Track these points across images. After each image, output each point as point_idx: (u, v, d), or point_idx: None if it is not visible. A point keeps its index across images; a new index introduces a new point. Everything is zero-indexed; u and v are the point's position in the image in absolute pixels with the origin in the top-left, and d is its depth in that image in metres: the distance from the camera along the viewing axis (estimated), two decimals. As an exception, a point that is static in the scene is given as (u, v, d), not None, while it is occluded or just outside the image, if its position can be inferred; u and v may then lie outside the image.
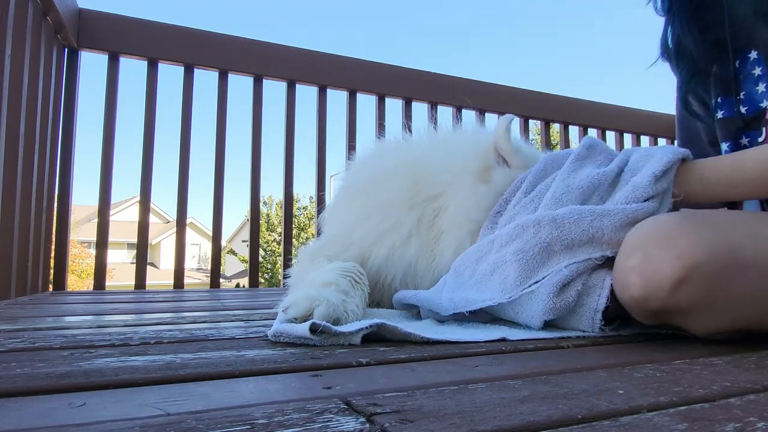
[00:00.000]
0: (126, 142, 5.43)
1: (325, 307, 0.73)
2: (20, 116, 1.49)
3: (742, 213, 0.74)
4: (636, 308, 0.72)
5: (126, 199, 20.55)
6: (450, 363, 0.59)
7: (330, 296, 0.76)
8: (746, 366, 0.57)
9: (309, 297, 0.75)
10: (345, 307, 0.77)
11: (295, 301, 0.75)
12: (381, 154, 1.21)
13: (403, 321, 0.88)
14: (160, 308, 1.23)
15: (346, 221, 1.09)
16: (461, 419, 0.38)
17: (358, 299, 0.85)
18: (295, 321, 0.72)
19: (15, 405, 0.42)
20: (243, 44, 2.24)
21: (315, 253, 1.07)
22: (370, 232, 1.02)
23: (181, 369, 0.54)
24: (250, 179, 2.25)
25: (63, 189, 1.92)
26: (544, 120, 2.86)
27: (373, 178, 1.11)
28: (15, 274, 1.48)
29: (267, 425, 0.36)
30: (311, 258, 1.06)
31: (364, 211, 1.06)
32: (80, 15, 1.96)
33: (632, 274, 0.70)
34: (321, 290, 0.79)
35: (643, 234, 0.71)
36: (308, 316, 0.72)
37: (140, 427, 0.36)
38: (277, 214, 15.94)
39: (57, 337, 0.74)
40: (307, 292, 0.77)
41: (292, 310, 0.74)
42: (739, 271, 0.65)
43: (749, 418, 0.38)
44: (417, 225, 1.02)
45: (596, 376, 0.52)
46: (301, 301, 0.75)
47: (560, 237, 0.78)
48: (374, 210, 1.05)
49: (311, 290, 0.79)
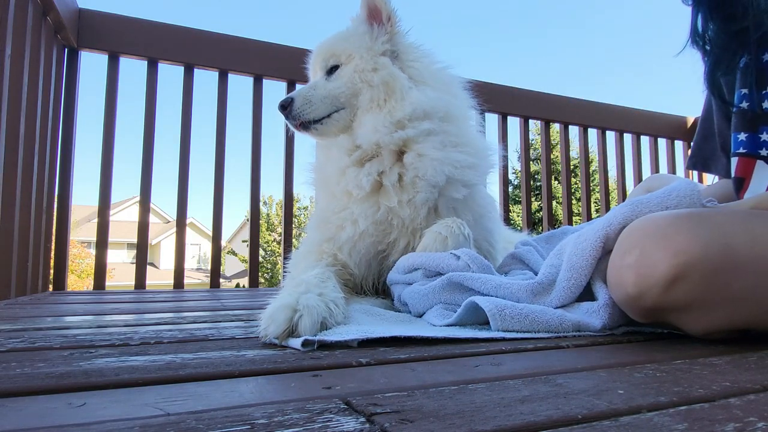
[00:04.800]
0: (126, 142, 5.43)
1: (309, 318, 0.70)
2: (20, 116, 1.49)
3: (738, 212, 0.74)
4: (631, 306, 0.72)
5: (126, 199, 20.54)
6: (450, 363, 0.59)
7: (309, 301, 0.74)
8: (746, 366, 0.57)
9: (287, 306, 0.72)
10: (326, 305, 0.76)
11: (271, 315, 0.71)
12: None
13: (397, 323, 0.88)
14: (160, 308, 1.23)
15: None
16: (461, 419, 0.38)
17: (329, 290, 0.84)
18: (276, 341, 0.69)
19: (15, 405, 0.42)
20: (243, 44, 2.24)
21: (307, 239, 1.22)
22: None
23: (181, 369, 0.54)
24: (250, 179, 2.25)
25: (63, 189, 1.92)
26: (544, 120, 2.86)
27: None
28: (15, 274, 1.48)
29: (267, 425, 0.36)
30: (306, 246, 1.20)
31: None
32: (80, 15, 1.96)
33: (628, 272, 0.70)
34: (300, 297, 0.75)
35: (639, 232, 0.71)
36: (291, 330, 0.69)
37: (140, 427, 0.36)
38: (277, 214, 15.94)
39: (57, 337, 0.74)
40: (282, 302, 0.73)
41: (272, 328, 0.69)
42: (734, 269, 0.65)
43: (749, 418, 0.38)
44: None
45: (596, 376, 0.52)
46: (278, 313, 0.71)
47: None
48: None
49: (287, 298, 0.75)
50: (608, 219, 0.83)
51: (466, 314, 0.82)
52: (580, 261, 0.83)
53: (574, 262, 0.84)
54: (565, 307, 0.84)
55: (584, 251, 0.83)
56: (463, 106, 1.25)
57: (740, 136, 1.01)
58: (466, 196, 1.13)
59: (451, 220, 1.07)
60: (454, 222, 1.06)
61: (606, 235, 0.82)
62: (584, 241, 0.84)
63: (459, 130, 1.17)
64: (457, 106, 1.21)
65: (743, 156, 1.01)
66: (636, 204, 0.82)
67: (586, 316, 0.80)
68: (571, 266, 0.84)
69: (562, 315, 0.79)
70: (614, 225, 0.82)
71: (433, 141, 1.12)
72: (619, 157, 3.05)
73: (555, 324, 0.78)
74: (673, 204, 0.80)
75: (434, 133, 1.12)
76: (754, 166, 1.00)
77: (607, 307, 0.80)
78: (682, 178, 1.02)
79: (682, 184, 0.83)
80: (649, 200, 0.81)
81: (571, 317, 0.79)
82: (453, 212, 1.13)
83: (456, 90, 1.26)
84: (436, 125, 1.13)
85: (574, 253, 0.84)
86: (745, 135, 1.00)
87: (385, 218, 1.11)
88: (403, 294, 1.00)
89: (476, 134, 1.26)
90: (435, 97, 1.16)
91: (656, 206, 0.80)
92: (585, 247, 0.84)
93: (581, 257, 0.83)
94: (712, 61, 1.03)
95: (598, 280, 0.84)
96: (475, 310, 0.81)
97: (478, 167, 1.17)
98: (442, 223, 1.07)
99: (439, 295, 0.91)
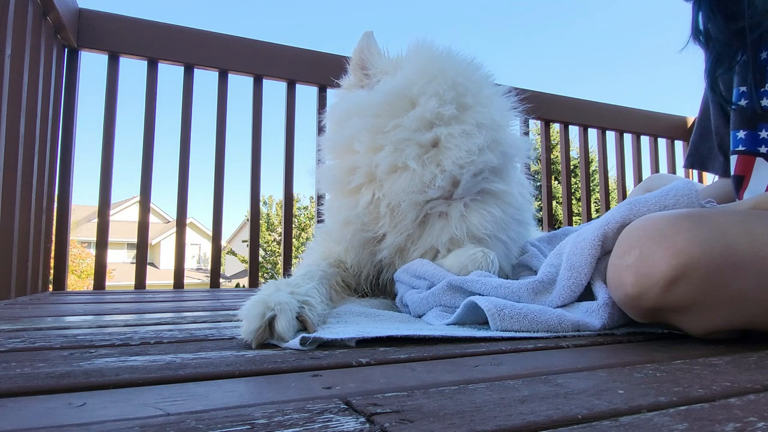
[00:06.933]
0: (126, 142, 5.43)
1: (284, 318, 0.69)
2: (20, 116, 1.49)
3: (738, 212, 0.74)
4: (630, 306, 0.73)
5: (126, 199, 20.56)
6: (450, 363, 0.59)
7: (281, 297, 0.72)
8: (746, 366, 0.57)
9: (261, 302, 0.70)
10: (303, 303, 0.75)
11: (246, 315, 0.69)
12: None
13: (396, 323, 0.87)
14: (160, 308, 1.23)
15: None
16: (461, 419, 0.38)
17: (305, 289, 0.82)
18: (249, 343, 0.68)
19: (15, 405, 0.42)
20: (243, 44, 2.24)
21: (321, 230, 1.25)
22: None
23: (181, 369, 0.54)
24: (250, 179, 2.25)
25: (63, 189, 1.92)
26: (544, 120, 2.86)
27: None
28: (15, 274, 1.48)
29: (267, 425, 0.36)
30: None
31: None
32: (80, 15, 1.96)
33: (627, 272, 0.70)
34: (272, 296, 0.73)
35: (638, 232, 0.72)
36: (263, 332, 0.68)
37: (140, 427, 0.36)
38: (277, 214, 15.93)
39: (57, 337, 0.74)
40: (255, 302, 0.71)
41: (245, 326, 0.68)
42: (734, 270, 0.65)
43: (749, 418, 0.38)
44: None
45: (596, 376, 0.52)
46: (252, 309, 0.69)
47: None
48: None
49: (262, 297, 0.73)
50: (606, 219, 0.84)
51: (465, 314, 0.82)
52: (580, 260, 0.83)
53: (573, 261, 0.84)
54: (565, 306, 0.84)
55: (583, 250, 0.83)
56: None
57: (739, 133, 1.01)
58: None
59: (480, 251, 1.02)
60: (481, 252, 1.02)
61: (604, 234, 0.83)
62: (582, 240, 0.85)
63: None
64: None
65: (742, 154, 1.01)
66: (634, 204, 0.82)
67: (586, 316, 0.80)
68: (571, 265, 0.84)
69: (562, 315, 0.79)
70: (612, 224, 0.82)
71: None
72: (619, 157, 3.05)
73: (554, 324, 0.78)
74: (671, 204, 0.80)
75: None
76: (753, 163, 1.00)
77: (606, 306, 0.80)
78: (682, 178, 1.03)
79: (680, 183, 0.83)
80: (647, 200, 0.82)
81: (570, 317, 0.79)
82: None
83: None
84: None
85: (573, 252, 0.85)
86: (744, 133, 1.00)
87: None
88: (405, 296, 1.00)
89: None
90: None
91: (654, 206, 0.80)
92: (584, 246, 0.84)
93: (580, 256, 0.83)
94: (714, 58, 1.04)
95: (598, 280, 0.84)
96: (475, 310, 0.81)
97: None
98: (469, 251, 1.02)
99: (438, 298, 0.91)
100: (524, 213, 1.20)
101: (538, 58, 68.95)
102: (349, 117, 1.15)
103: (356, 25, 63.83)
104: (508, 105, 1.20)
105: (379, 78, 1.20)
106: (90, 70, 2.09)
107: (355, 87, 1.26)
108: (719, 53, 1.02)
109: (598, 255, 0.83)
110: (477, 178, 1.06)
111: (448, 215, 1.06)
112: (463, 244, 1.04)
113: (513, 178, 1.17)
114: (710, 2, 1.01)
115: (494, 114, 1.11)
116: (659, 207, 0.80)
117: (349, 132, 1.13)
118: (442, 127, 1.06)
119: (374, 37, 1.27)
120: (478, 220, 1.05)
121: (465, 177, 1.04)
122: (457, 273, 0.98)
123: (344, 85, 1.30)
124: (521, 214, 1.17)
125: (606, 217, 0.84)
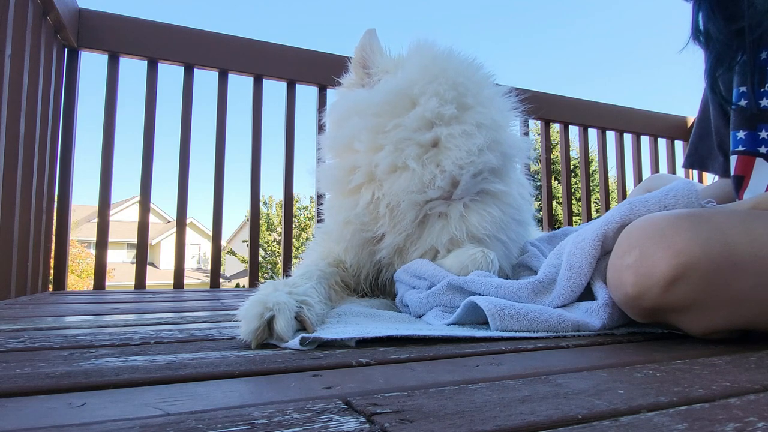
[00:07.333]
0: (126, 142, 5.44)
1: (283, 318, 0.69)
2: (20, 116, 1.49)
3: (738, 212, 0.74)
4: (631, 306, 0.73)
5: (126, 199, 20.56)
6: (450, 363, 0.59)
7: (279, 298, 0.72)
8: (746, 366, 0.57)
9: (259, 302, 0.70)
10: (301, 303, 0.75)
11: (244, 315, 0.69)
12: None
13: (395, 323, 0.87)
14: (160, 308, 1.23)
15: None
16: (461, 419, 0.38)
17: (303, 288, 0.82)
18: (248, 344, 0.67)
19: (15, 405, 0.42)
20: (243, 44, 2.24)
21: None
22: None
23: (181, 369, 0.54)
24: (250, 179, 2.25)
25: (63, 189, 1.92)
26: (544, 120, 2.86)
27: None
28: (15, 274, 1.48)
29: (267, 425, 0.36)
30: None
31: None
32: (80, 15, 1.96)
33: (627, 272, 0.70)
34: (270, 296, 0.73)
35: (638, 233, 0.71)
36: (262, 332, 0.68)
37: (140, 427, 0.36)
38: (277, 214, 15.93)
39: (57, 337, 0.74)
40: (253, 302, 0.71)
41: (243, 327, 0.68)
42: (734, 270, 0.65)
43: (749, 418, 0.38)
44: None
45: (596, 376, 0.52)
46: (251, 309, 0.69)
47: None
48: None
49: (260, 297, 0.73)
50: (606, 219, 0.84)
51: (465, 314, 0.82)
52: (580, 260, 0.83)
53: (573, 261, 0.84)
54: (565, 306, 0.84)
55: (583, 250, 0.83)
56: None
57: (739, 134, 1.01)
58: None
59: (480, 251, 1.02)
60: (481, 252, 1.02)
61: (604, 233, 0.83)
62: (582, 240, 0.85)
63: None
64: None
65: (742, 154, 1.01)
66: (634, 204, 0.82)
67: (586, 316, 0.80)
68: (571, 265, 0.84)
69: (562, 314, 0.79)
70: (612, 224, 0.82)
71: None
72: (619, 157, 3.05)
73: (554, 323, 0.78)
74: (671, 204, 0.80)
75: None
76: (753, 164, 1.00)
77: (606, 306, 0.80)
78: (682, 179, 1.03)
79: (680, 184, 0.83)
80: (647, 200, 0.82)
81: (570, 317, 0.79)
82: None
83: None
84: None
85: (573, 252, 0.85)
86: (744, 133, 1.00)
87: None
88: (405, 296, 1.00)
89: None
90: None
91: (654, 206, 0.80)
92: (584, 246, 0.84)
93: (580, 256, 0.83)
94: (714, 58, 1.04)
95: (598, 280, 0.84)
96: (475, 310, 0.81)
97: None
98: (469, 251, 1.02)
99: (438, 298, 0.91)
100: (524, 213, 1.20)
101: (538, 58, 68.92)
102: (349, 116, 1.15)
103: (356, 25, 63.87)
104: (508, 105, 1.20)
105: (380, 77, 1.19)
106: (90, 70, 2.10)
107: (356, 85, 1.25)
108: (719, 53, 1.02)
109: (598, 255, 0.83)
110: (477, 179, 1.06)
111: (447, 215, 1.06)
112: (463, 245, 1.04)
113: (513, 178, 1.16)
114: (710, 2, 1.01)
115: (494, 114, 1.11)
116: (659, 207, 0.80)
117: (349, 131, 1.13)
118: (442, 127, 1.06)
119: (377, 35, 1.26)
120: (477, 221, 1.05)
121: (465, 177, 1.04)
122: (457, 273, 0.98)
123: (345, 83, 1.30)
124: (521, 215, 1.17)
125: (606, 217, 0.84)
